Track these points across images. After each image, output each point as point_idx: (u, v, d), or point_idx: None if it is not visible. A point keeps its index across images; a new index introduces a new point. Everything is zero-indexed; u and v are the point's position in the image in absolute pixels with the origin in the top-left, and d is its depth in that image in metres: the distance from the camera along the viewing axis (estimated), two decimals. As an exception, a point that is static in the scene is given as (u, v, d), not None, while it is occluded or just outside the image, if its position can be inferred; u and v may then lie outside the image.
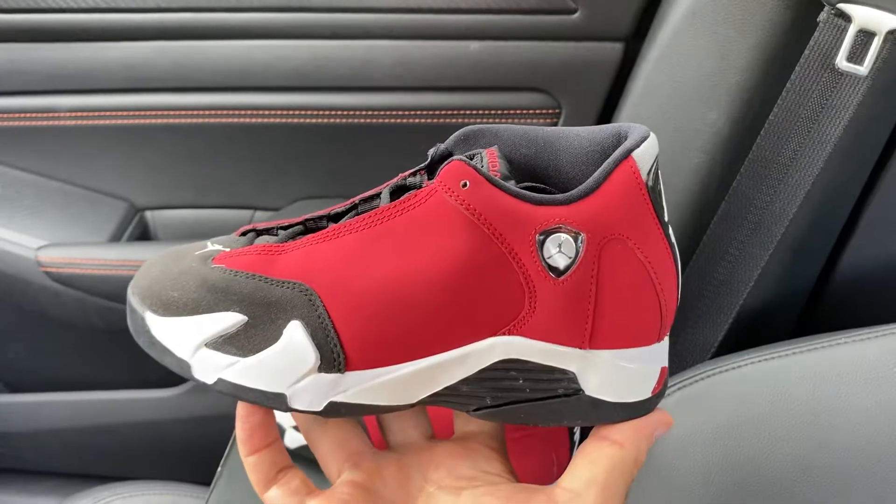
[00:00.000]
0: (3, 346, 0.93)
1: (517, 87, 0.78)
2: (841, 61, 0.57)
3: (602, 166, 0.31)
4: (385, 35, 0.75)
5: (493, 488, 0.34)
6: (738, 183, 0.64)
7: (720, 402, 0.57)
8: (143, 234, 0.88)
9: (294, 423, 0.60)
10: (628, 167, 0.31)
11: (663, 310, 0.34)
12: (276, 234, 0.35)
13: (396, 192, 0.34)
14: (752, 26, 0.62)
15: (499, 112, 0.79)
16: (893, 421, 0.55)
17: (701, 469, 0.54)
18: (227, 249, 0.34)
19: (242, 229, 0.36)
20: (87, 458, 0.96)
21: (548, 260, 0.31)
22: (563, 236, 0.31)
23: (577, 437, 0.63)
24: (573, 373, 0.32)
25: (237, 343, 0.32)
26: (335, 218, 0.35)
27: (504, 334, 0.32)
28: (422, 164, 0.34)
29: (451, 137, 0.35)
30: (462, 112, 0.78)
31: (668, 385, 0.57)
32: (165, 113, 0.80)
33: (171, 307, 0.33)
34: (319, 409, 0.33)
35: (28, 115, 0.81)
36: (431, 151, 0.35)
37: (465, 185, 0.30)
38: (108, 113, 0.80)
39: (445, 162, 0.32)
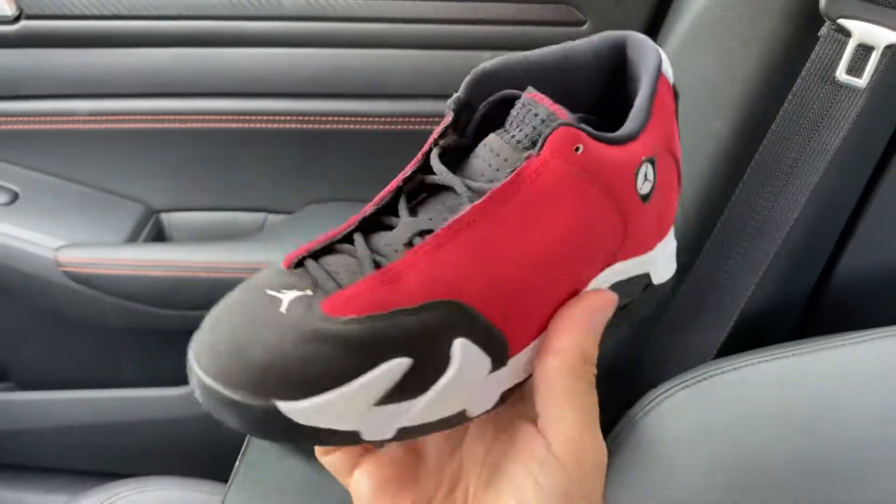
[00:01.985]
0: (17, 346, 0.94)
1: None
2: (841, 74, 0.58)
3: (643, 91, 0.34)
4: (400, 44, 0.75)
5: (514, 429, 0.34)
6: (741, 190, 0.64)
7: (721, 401, 0.57)
8: (159, 236, 0.89)
9: None
10: (664, 85, 0.35)
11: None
12: (343, 253, 0.32)
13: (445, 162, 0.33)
14: (756, 40, 0.62)
15: None
16: (890, 422, 0.55)
17: (703, 466, 0.54)
18: (307, 292, 0.30)
19: (291, 260, 0.32)
20: (100, 456, 0.97)
21: (640, 191, 0.33)
22: (646, 166, 0.33)
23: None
24: (649, 272, 0.36)
25: (407, 387, 0.29)
26: (387, 210, 0.33)
27: (611, 264, 0.34)
28: (447, 122, 0.33)
29: (466, 84, 0.33)
30: None
31: (671, 385, 0.58)
32: (182, 117, 0.80)
33: (312, 386, 0.27)
34: (493, 403, 0.32)
35: (48, 118, 0.81)
36: (451, 104, 0.33)
37: (578, 149, 0.31)
38: (126, 117, 0.81)
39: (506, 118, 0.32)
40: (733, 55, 0.63)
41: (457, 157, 0.34)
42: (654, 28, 0.72)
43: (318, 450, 0.35)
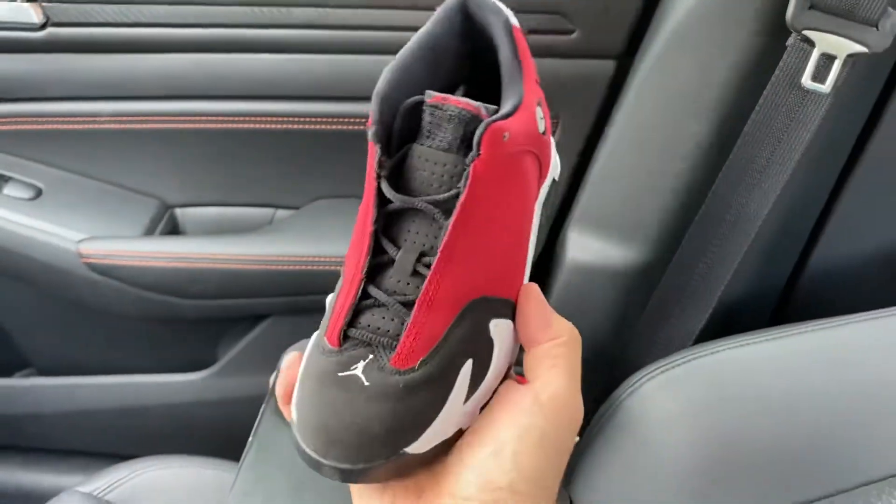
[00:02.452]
0: (38, 334, 0.96)
1: None
2: (806, 81, 0.61)
3: (508, 49, 0.37)
4: (398, 51, 0.77)
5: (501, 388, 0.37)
6: (717, 187, 0.67)
7: (699, 384, 0.60)
8: (174, 229, 0.90)
9: None
10: (518, 32, 0.38)
11: None
12: (370, 308, 0.34)
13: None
14: (731, 48, 0.64)
15: None
16: (853, 401, 0.57)
17: (683, 443, 0.56)
18: (370, 357, 0.33)
19: (337, 337, 0.34)
20: (116, 438, 0.98)
21: (540, 129, 0.37)
22: (538, 109, 0.38)
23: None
24: (554, 177, 0.42)
25: (477, 378, 0.35)
26: (375, 251, 0.35)
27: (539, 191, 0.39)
28: (377, 153, 0.34)
29: (376, 112, 0.34)
30: None
31: (654, 368, 0.61)
32: (197, 118, 0.81)
33: (423, 423, 0.33)
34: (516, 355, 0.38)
35: (72, 119, 0.82)
36: (374, 137, 0.34)
37: (505, 137, 0.33)
38: (144, 118, 0.81)
39: (444, 120, 0.34)
40: (710, 62, 0.65)
41: (394, 173, 0.35)
42: (637, 36, 0.73)
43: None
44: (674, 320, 0.74)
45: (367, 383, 0.32)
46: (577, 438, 0.64)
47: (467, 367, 0.34)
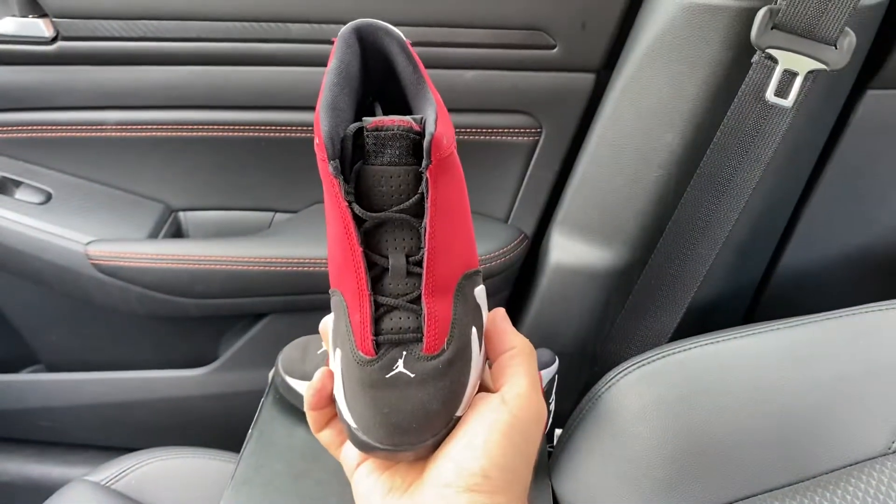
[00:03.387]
0: (46, 332, 0.96)
1: (505, 109, 0.80)
2: (770, 95, 0.63)
3: (409, 64, 0.40)
4: None
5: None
6: (689, 193, 0.69)
7: (672, 378, 0.62)
8: (177, 232, 0.90)
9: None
10: (409, 47, 0.41)
11: None
12: (386, 313, 0.38)
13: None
14: (701, 63, 0.66)
15: (488, 130, 0.81)
16: (816, 395, 0.59)
17: (657, 434, 0.58)
18: (405, 353, 0.37)
19: (371, 348, 0.37)
20: (121, 432, 0.99)
21: None
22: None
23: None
24: None
25: (481, 338, 0.41)
26: (368, 262, 0.37)
27: None
28: (342, 185, 0.36)
29: (331, 150, 0.35)
30: (458, 130, 0.80)
31: (630, 364, 0.63)
32: (199, 127, 0.82)
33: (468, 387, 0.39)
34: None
35: (80, 127, 0.83)
36: (335, 171, 0.35)
37: (444, 140, 0.36)
38: (149, 127, 0.82)
39: (391, 132, 0.36)
40: (682, 76, 0.67)
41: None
42: (615, 52, 0.75)
43: (312, 427, 0.43)
44: (650, 319, 0.76)
45: (412, 375, 0.37)
46: (558, 432, 0.67)
47: (475, 333, 0.39)
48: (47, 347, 0.97)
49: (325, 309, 0.41)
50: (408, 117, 0.37)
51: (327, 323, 0.43)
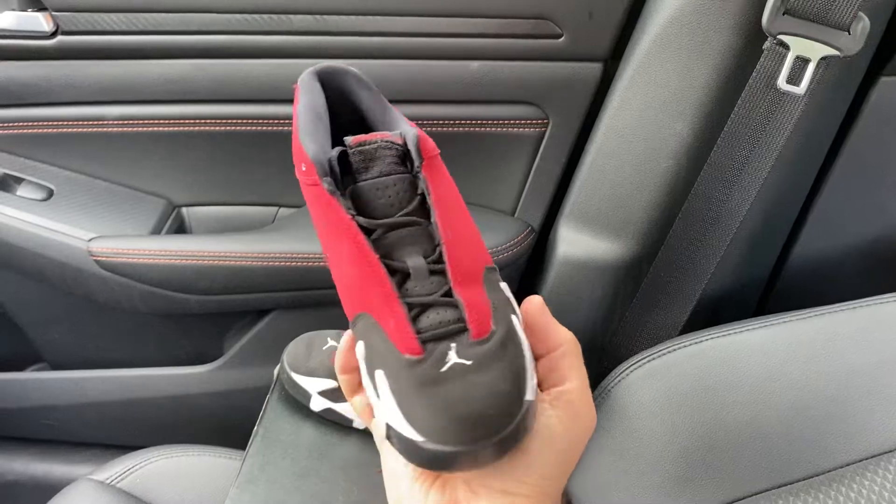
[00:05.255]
0: (50, 330, 0.96)
1: (511, 100, 0.80)
2: (782, 83, 0.63)
3: (373, 96, 0.45)
4: (398, 55, 0.76)
5: None
6: (699, 184, 0.69)
7: (682, 372, 0.61)
8: (180, 228, 0.90)
9: (319, 389, 0.66)
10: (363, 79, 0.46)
11: None
12: (423, 313, 0.37)
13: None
14: (711, 51, 0.66)
15: (494, 122, 0.81)
16: (828, 389, 0.59)
17: (667, 429, 0.58)
18: (453, 344, 0.36)
19: (418, 347, 0.35)
20: (126, 429, 0.99)
21: None
22: None
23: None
24: None
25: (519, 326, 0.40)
26: (391, 272, 0.38)
27: None
28: (347, 205, 0.37)
29: (326, 177, 0.37)
30: (464, 122, 0.81)
31: (639, 358, 0.63)
32: (202, 121, 0.82)
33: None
34: None
35: (81, 122, 0.82)
36: (329, 187, 0.37)
37: (427, 142, 0.39)
38: (151, 121, 0.82)
39: (385, 139, 0.38)
40: (691, 64, 0.67)
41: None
42: (623, 41, 0.74)
43: (346, 392, 0.42)
44: (659, 312, 0.75)
45: (468, 362, 0.35)
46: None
47: (515, 319, 0.38)
48: (51, 345, 0.97)
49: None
50: (384, 133, 0.38)
51: (344, 359, 0.41)
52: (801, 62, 0.62)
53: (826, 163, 0.75)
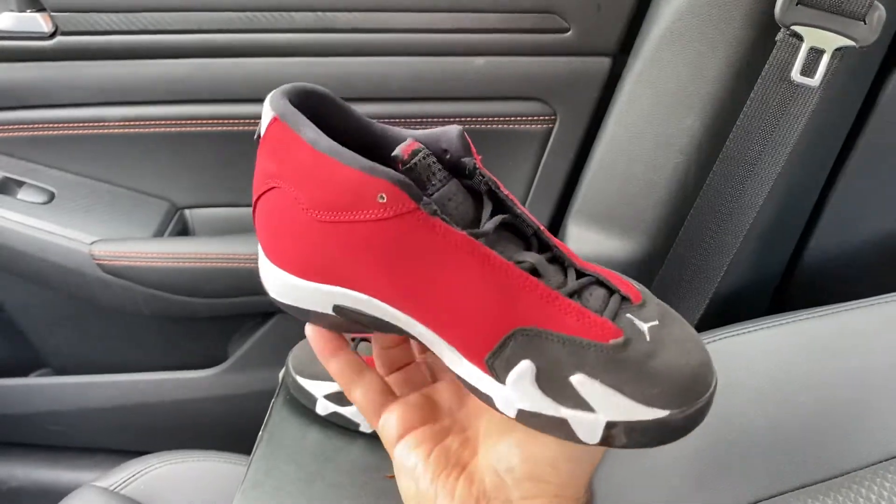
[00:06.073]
0: (54, 335, 0.96)
1: (517, 96, 0.80)
2: (795, 75, 0.61)
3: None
4: (401, 52, 0.76)
5: None
6: (712, 179, 0.68)
7: None
8: (183, 230, 0.90)
9: (325, 393, 0.66)
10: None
11: None
12: (587, 298, 0.36)
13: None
14: (722, 43, 0.65)
15: (500, 119, 0.81)
16: (848, 388, 0.58)
17: None
18: (637, 320, 0.34)
19: (612, 327, 0.33)
20: (130, 435, 0.99)
21: None
22: None
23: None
24: None
25: None
26: (536, 273, 0.35)
27: None
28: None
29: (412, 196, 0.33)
30: (469, 119, 0.80)
31: None
32: (204, 122, 0.81)
33: None
34: None
35: (82, 124, 0.82)
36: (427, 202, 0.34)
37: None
38: (152, 122, 0.82)
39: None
40: (702, 57, 0.66)
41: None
42: (631, 34, 0.74)
43: (346, 388, 0.40)
44: None
45: (656, 322, 0.34)
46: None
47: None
48: (55, 350, 0.97)
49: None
50: (411, 138, 0.35)
51: (321, 339, 0.40)
52: (816, 53, 0.61)
53: (840, 156, 0.74)
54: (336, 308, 0.37)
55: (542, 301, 0.33)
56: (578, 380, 0.33)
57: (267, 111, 0.36)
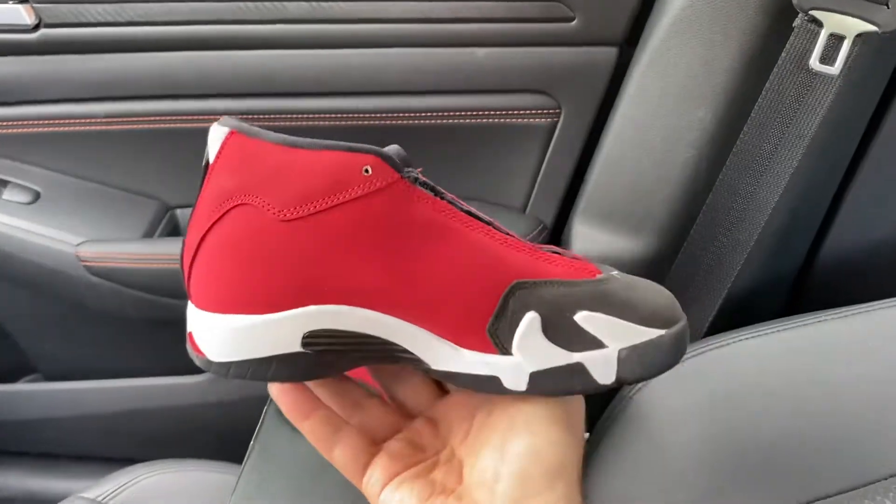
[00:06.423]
0: (43, 339, 0.95)
1: (520, 89, 0.79)
2: (814, 63, 0.60)
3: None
4: (398, 43, 0.75)
5: (502, 401, 0.37)
6: (724, 175, 0.66)
7: (710, 377, 0.59)
8: (174, 231, 0.89)
9: None
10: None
11: None
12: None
13: None
14: (735, 31, 0.64)
15: (503, 113, 0.80)
16: (869, 394, 0.56)
17: (694, 439, 0.56)
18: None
19: (592, 265, 0.37)
20: (121, 442, 0.98)
21: None
22: None
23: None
24: None
25: None
26: None
27: None
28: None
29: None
30: (470, 113, 0.80)
31: None
32: (194, 117, 0.80)
33: None
34: None
35: (67, 121, 0.81)
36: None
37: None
38: (141, 118, 0.80)
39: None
40: (714, 46, 0.65)
41: None
42: (639, 22, 0.73)
43: (323, 450, 0.39)
44: None
45: (615, 271, 0.38)
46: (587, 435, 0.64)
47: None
48: (44, 355, 0.97)
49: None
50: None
51: (290, 400, 0.38)
52: (835, 40, 0.59)
53: (860, 149, 0.73)
54: (307, 339, 0.35)
55: (528, 254, 0.36)
56: (583, 316, 0.35)
57: (216, 133, 0.35)
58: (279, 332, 0.35)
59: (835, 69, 0.59)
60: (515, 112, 0.80)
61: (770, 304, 0.83)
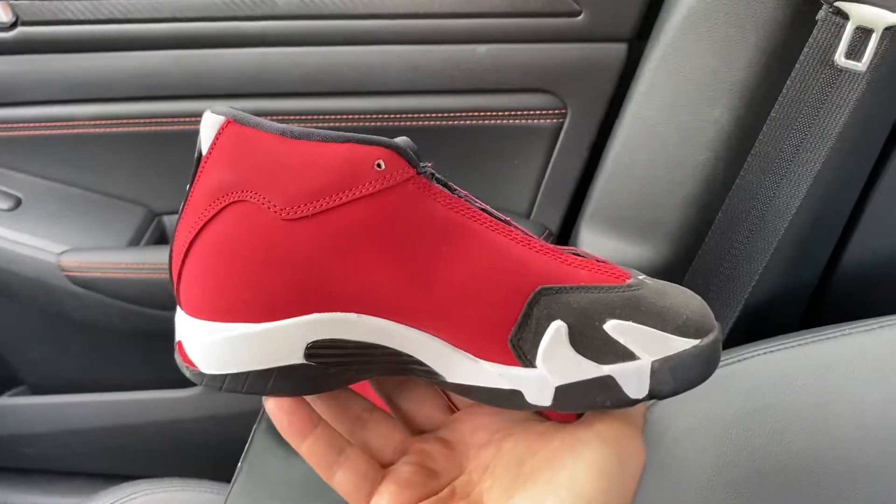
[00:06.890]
0: (29, 351, 0.95)
1: (524, 88, 0.79)
2: (840, 58, 0.58)
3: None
4: (395, 40, 0.75)
5: (526, 430, 0.35)
6: (742, 178, 0.65)
7: (728, 393, 0.58)
8: (161, 238, 0.89)
9: None
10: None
11: None
12: None
13: None
14: (753, 25, 0.63)
15: (506, 113, 0.79)
16: (894, 412, 0.55)
17: (710, 459, 0.55)
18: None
19: (622, 271, 0.36)
20: (110, 458, 0.98)
21: None
22: None
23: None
24: None
25: None
26: None
27: None
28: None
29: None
30: (471, 114, 0.79)
31: None
32: (181, 119, 0.80)
33: None
34: None
35: (48, 124, 0.81)
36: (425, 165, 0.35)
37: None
38: (125, 121, 0.80)
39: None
40: (731, 42, 0.64)
41: None
42: (650, 17, 0.72)
43: (322, 473, 0.36)
44: None
45: (642, 275, 0.37)
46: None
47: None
48: (30, 368, 0.97)
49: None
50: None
51: (290, 421, 0.35)
52: (862, 33, 0.57)
53: (885, 150, 0.71)
54: (310, 350, 0.33)
55: (552, 258, 0.34)
56: (613, 325, 0.33)
57: (210, 122, 0.33)
58: (279, 342, 0.33)
59: (862, 65, 0.58)
60: (519, 112, 0.80)
61: (789, 316, 0.82)
